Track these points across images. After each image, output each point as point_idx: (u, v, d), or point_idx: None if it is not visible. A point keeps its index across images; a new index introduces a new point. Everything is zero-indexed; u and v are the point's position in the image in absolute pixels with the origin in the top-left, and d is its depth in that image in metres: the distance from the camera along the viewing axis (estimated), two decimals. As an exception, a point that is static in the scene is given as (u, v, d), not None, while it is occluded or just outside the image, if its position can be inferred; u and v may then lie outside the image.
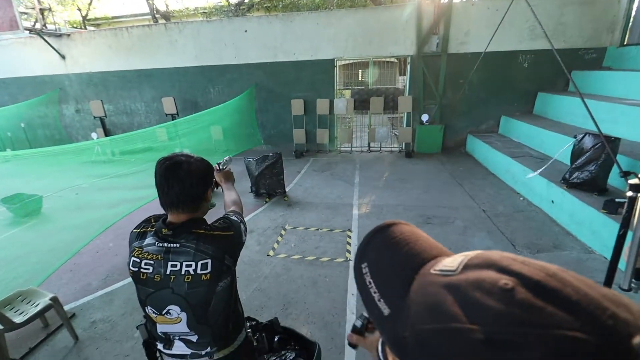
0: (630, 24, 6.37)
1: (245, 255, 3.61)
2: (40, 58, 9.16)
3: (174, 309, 1.06)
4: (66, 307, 2.89)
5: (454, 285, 0.26)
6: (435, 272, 0.28)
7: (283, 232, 4.15)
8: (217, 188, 1.58)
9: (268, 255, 3.65)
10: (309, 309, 2.80)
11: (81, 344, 2.52)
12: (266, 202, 5.16)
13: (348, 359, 2.29)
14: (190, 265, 1.03)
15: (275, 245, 3.85)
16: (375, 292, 0.31)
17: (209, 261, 1.04)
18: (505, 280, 0.24)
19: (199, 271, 1.03)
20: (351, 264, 3.40)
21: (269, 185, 5.22)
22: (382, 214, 4.52)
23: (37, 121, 9.84)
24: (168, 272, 1.04)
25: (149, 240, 1.08)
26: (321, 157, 7.88)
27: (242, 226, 1.20)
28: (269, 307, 2.83)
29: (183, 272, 1.03)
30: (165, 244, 1.06)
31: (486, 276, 0.25)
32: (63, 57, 9.03)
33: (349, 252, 3.64)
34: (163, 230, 1.06)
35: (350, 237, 3.97)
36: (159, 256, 1.05)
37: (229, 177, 1.57)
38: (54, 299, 2.48)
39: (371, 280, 0.31)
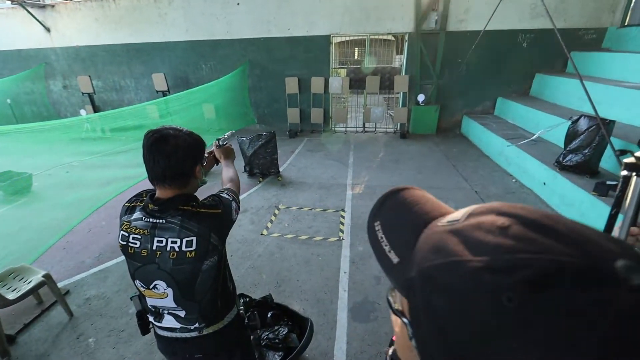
0: (633, 3, 6.24)
1: (239, 234, 3.63)
2: (24, 31, 8.78)
3: (160, 284, 1.06)
4: (60, 284, 2.91)
5: (458, 229, 0.28)
6: (441, 224, 0.31)
7: (276, 212, 4.16)
8: (217, 164, 1.55)
9: (262, 234, 3.66)
10: (302, 287, 2.84)
11: (76, 320, 2.55)
12: (260, 181, 5.14)
13: (339, 334, 2.35)
14: (175, 242, 1.02)
15: (269, 225, 3.86)
16: (385, 245, 0.34)
17: (194, 239, 1.03)
18: (502, 220, 0.26)
19: (184, 248, 1.02)
20: (344, 243, 3.44)
21: (262, 165, 5.18)
22: (376, 195, 4.53)
23: (23, 97, 9.54)
24: (154, 248, 1.03)
25: (137, 214, 1.07)
26: (315, 137, 7.82)
27: (234, 204, 1.17)
28: (262, 284, 2.87)
29: (168, 249, 1.03)
30: (152, 220, 1.04)
31: (486, 219, 0.28)
32: (48, 29, 8.67)
33: (342, 231, 3.67)
34: (149, 205, 1.05)
35: (343, 217, 3.99)
36: (146, 231, 1.04)
37: (229, 153, 1.52)
38: (47, 276, 2.48)
39: (382, 236, 0.34)
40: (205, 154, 1.42)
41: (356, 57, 17.21)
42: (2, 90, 8.82)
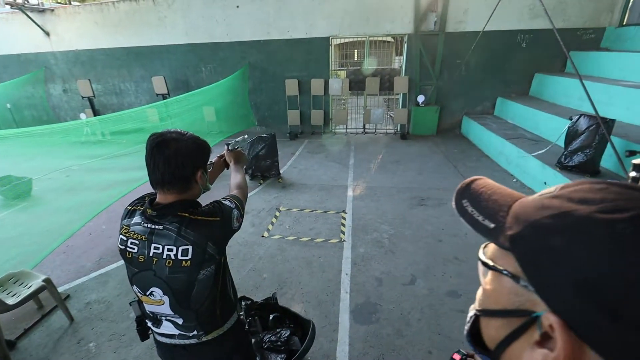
0: (631, 3, 6.25)
1: (240, 237, 3.62)
2: (23, 35, 8.80)
3: (157, 292, 1.05)
4: (61, 289, 2.90)
5: (557, 195, 0.34)
6: (533, 197, 0.37)
7: (277, 214, 4.15)
8: (227, 169, 1.51)
9: (262, 236, 3.65)
10: (304, 289, 2.83)
11: (76, 324, 2.54)
12: (260, 184, 5.13)
13: (341, 336, 2.34)
14: (171, 250, 1.00)
15: (270, 227, 3.85)
16: (478, 216, 0.41)
17: (190, 247, 1.00)
18: (600, 185, 0.33)
19: (179, 257, 1.00)
20: (345, 244, 3.43)
21: (263, 167, 5.18)
22: (376, 196, 4.54)
23: (23, 102, 9.55)
24: (151, 254, 1.02)
25: (136, 219, 1.06)
26: (316, 138, 7.81)
27: (236, 212, 1.13)
28: (264, 287, 2.86)
29: (164, 256, 1.01)
30: (150, 225, 1.03)
31: (582, 187, 0.34)
32: (47, 33, 8.69)
33: (343, 233, 3.66)
34: (148, 210, 1.03)
35: (344, 218, 3.98)
36: (144, 237, 1.02)
37: (239, 158, 1.48)
38: (47, 281, 2.47)
39: (473, 210, 0.41)
40: (212, 160, 1.40)
41: (356, 59, 17.23)
42: (1, 95, 8.82)
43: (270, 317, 2.21)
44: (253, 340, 1.98)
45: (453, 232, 3.59)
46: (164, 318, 1.10)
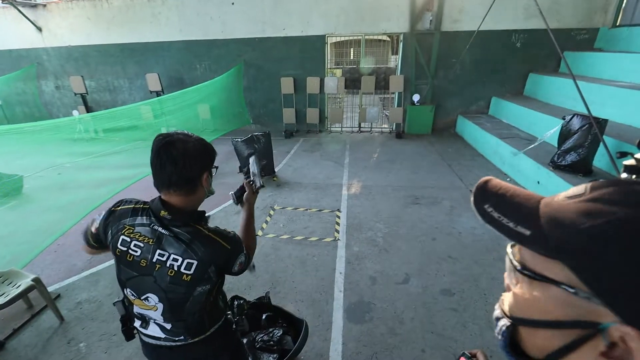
0: (624, 4, 6.30)
1: (234, 236, 3.59)
2: (15, 30, 8.66)
3: (153, 298, 1.03)
4: (51, 288, 2.85)
5: (594, 198, 0.33)
6: (563, 199, 0.36)
7: (272, 213, 4.14)
8: (237, 204, 1.39)
9: (256, 235, 3.63)
10: (297, 288, 2.82)
11: (67, 324, 2.50)
12: (255, 182, 5.09)
13: (335, 336, 2.34)
14: (176, 260, 0.98)
15: (264, 226, 3.84)
16: (508, 222, 0.38)
17: (195, 263, 0.98)
18: (635, 185, 0.32)
19: (182, 269, 0.98)
20: (339, 243, 3.43)
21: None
22: (371, 195, 4.53)
23: (14, 98, 9.41)
24: (154, 260, 0.99)
25: (141, 219, 1.02)
26: (311, 137, 7.80)
27: (242, 258, 1.10)
28: (257, 286, 2.84)
29: (168, 265, 0.98)
30: (160, 229, 0.99)
31: (616, 188, 0.33)
32: (39, 29, 8.56)
33: (337, 232, 3.65)
34: (162, 212, 0.99)
35: (339, 217, 3.98)
36: (151, 240, 0.99)
37: (254, 197, 1.41)
38: (37, 280, 2.43)
39: (500, 215, 0.39)
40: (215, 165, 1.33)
41: (352, 58, 17.21)
42: (-7, 91, 8.71)
43: (263, 317, 2.20)
44: (245, 340, 1.97)
45: (447, 231, 3.60)
46: (152, 321, 1.08)
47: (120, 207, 1.07)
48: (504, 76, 7.16)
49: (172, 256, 0.98)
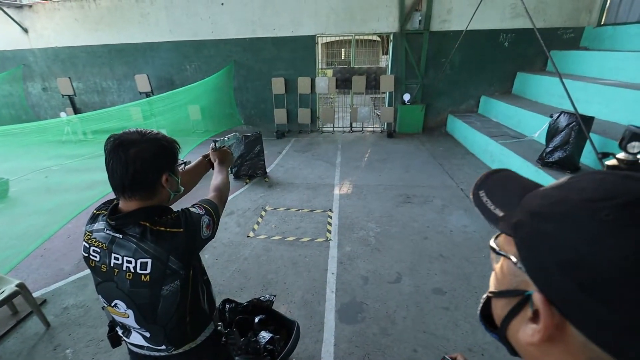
0: (608, 3, 6.41)
1: (225, 237, 3.57)
2: (0, 32, 8.47)
3: (121, 304, 0.98)
4: (37, 293, 2.80)
5: (560, 185, 0.37)
6: (544, 188, 0.40)
7: (263, 213, 4.11)
8: (212, 168, 1.41)
9: (248, 236, 3.61)
10: (289, 289, 2.80)
11: (53, 330, 2.45)
12: (246, 183, 5.07)
13: (327, 337, 2.33)
14: (130, 262, 0.92)
15: (256, 227, 3.81)
16: (491, 205, 0.43)
17: (149, 261, 0.91)
18: (600, 174, 0.35)
19: (138, 270, 0.92)
20: (331, 243, 3.42)
21: (249, 166, 5.12)
22: (363, 194, 4.54)
23: (0, 100, 9.21)
24: (112, 265, 0.94)
25: (99, 225, 0.98)
26: (303, 137, 7.78)
27: (206, 219, 1.02)
28: (249, 287, 2.82)
29: (124, 268, 0.93)
30: (112, 232, 0.95)
31: (585, 176, 0.35)
32: (26, 30, 8.39)
33: (329, 232, 3.65)
34: (108, 219, 0.95)
35: (331, 217, 3.97)
36: (105, 245, 0.95)
37: (224, 158, 1.37)
38: (21, 285, 2.37)
39: (488, 200, 0.44)
40: (185, 160, 1.32)
41: (343, 58, 17.24)
42: (-23, 94, 8.51)
43: (256, 320, 2.18)
44: (236, 343, 1.95)
45: (438, 230, 3.62)
46: (132, 329, 1.04)
47: (94, 211, 1.04)
48: (492, 75, 7.24)
49: (125, 258, 0.93)
